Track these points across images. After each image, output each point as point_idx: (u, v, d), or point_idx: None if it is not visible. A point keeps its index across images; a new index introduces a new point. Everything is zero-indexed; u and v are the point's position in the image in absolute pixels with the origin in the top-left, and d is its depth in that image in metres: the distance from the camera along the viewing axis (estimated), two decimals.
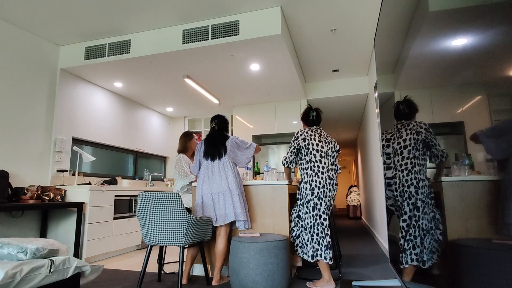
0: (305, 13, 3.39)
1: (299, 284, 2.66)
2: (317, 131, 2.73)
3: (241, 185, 2.85)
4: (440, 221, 1.49)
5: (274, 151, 5.58)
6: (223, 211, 2.71)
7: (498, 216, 0.80)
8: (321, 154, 2.63)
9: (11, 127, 3.50)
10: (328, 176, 2.60)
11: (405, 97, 2.21)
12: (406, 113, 2.05)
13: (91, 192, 3.62)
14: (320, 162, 2.61)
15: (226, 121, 3.00)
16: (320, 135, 2.72)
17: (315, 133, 2.71)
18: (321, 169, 2.60)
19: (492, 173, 0.81)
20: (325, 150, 2.66)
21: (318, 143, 2.65)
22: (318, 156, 2.63)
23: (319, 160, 2.62)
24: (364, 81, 5.21)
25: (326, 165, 2.62)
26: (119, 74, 4.32)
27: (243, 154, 2.90)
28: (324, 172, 2.60)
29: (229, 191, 2.73)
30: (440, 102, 1.22)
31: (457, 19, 1.00)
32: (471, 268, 0.96)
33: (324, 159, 2.63)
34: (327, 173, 2.61)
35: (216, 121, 2.96)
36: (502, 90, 0.76)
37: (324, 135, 2.75)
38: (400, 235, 1.77)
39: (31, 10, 3.32)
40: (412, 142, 1.86)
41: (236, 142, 2.89)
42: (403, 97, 1.89)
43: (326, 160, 2.63)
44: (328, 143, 2.71)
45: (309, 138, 2.67)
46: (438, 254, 1.49)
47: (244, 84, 4.75)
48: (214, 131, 2.95)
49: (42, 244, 1.96)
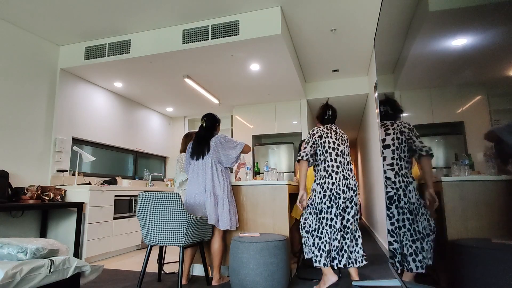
0: (305, 13, 3.39)
1: (299, 284, 2.66)
2: (332, 128, 2.60)
3: (225, 186, 2.74)
4: (430, 224, 1.49)
5: (274, 151, 5.58)
6: (205, 212, 2.69)
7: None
8: (337, 153, 2.49)
9: (11, 127, 3.50)
10: (343, 176, 2.44)
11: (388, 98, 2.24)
12: (390, 114, 2.09)
13: (91, 192, 3.61)
14: (335, 161, 2.47)
15: (216, 120, 2.91)
16: (336, 132, 2.58)
17: (330, 130, 2.57)
18: (335, 169, 2.46)
19: (493, 173, 0.81)
20: (342, 148, 2.52)
21: (335, 141, 2.52)
22: (334, 154, 2.48)
23: (334, 159, 2.48)
24: (364, 81, 5.21)
25: (341, 164, 2.47)
26: (119, 74, 4.32)
27: (227, 154, 2.76)
28: (338, 172, 2.45)
29: (209, 192, 2.67)
30: (440, 102, 1.22)
31: (457, 19, 1.00)
32: (471, 268, 0.96)
33: (340, 158, 2.49)
34: (341, 172, 2.45)
35: (205, 119, 2.88)
36: (502, 90, 0.76)
37: (340, 132, 2.61)
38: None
39: (31, 10, 3.32)
40: (396, 142, 1.86)
41: (220, 141, 2.78)
42: (402, 97, 1.89)
43: (342, 159, 2.49)
44: (345, 140, 2.59)
45: (325, 136, 2.52)
46: (432, 257, 1.48)
47: (244, 84, 4.75)
48: (201, 130, 2.89)
49: (42, 244, 1.96)
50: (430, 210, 1.45)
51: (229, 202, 2.73)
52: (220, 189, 2.70)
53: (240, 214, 2.95)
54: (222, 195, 2.69)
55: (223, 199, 2.69)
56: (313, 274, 2.98)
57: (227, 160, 2.77)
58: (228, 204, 2.71)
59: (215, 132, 2.90)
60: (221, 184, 2.71)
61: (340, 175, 2.45)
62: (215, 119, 2.91)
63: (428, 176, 1.47)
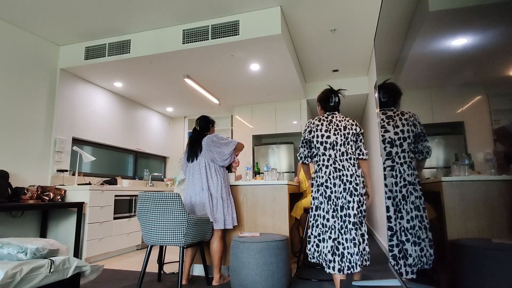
0: (305, 13, 3.39)
1: (299, 284, 2.66)
2: (327, 118, 2.39)
3: (219, 184, 2.74)
4: (424, 221, 1.44)
5: (274, 151, 5.58)
6: (201, 213, 2.70)
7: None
8: (326, 146, 2.31)
9: (11, 127, 3.50)
10: (334, 169, 2.26)
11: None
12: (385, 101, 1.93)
13: (91, 192, 3.61)
14: (324, 155, 2.31)
15: (209, 121, 2.93)
16: (330, 121, 2.37)
17: (323, 121, 2.38)
18: (325, 162, 2.29)
19: (493, 173, 0.81)
20: (333, 139, 2.31)
21: (323, 134, 2.33)
22: (322, 149, 2.32)
23: (323, 153, 2.31)
24: (364, 81, 5.21)
25: (332, 157, 2.28)
26: (119, 74, 4.32)
27: (221, 151, 2.76)
28: (329, 165, 2.28)
29: (206, 191, 2.70)
30: (440, 102, 1.22)
31: (457, 19, 1.00)
32: (471, 268, 0.96)
33: (330, 151, 2.29)
34: (333, 165, 2.27)
35: (198, 121, 2.92)
36: (502, 90, 0.76)
37: (336, 121, 2.37)
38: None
39: (31, 10, 3.32)
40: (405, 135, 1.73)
41: (211, 139, 2.78)
42: (402, 97, 1.89)
43: (333, 152, 2.29)
44: (342, 128, 2.33)
45: (315, 130, 2.37)
46: (431, 259, 1.43)
47: (244, 84, 4.75)
48: (194, 132, 2.93)
49: (42, 244, 1.96)
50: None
51: (223, 201, 2.73)
52: (214, 187, 2.72)
53: (240, 214, 2.95)
54: (216, 194, 2.71)
55: (217, 198, 2.71)
56: (313, 274, 2.99)
57: (221, 157, 2.77)
58: (222, 203, 2.72)
59: (207, 133, 2.91)
60: (214, 183, 2.73)
61: (331, 168, 2.27)
62: (208, 121, 2.93)
63: (422, 177, 1.44)
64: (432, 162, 1.45)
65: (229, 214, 2.76)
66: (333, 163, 2.28)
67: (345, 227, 2.17)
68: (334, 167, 2.27)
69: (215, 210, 2.69)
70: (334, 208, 2.22)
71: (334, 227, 2.19)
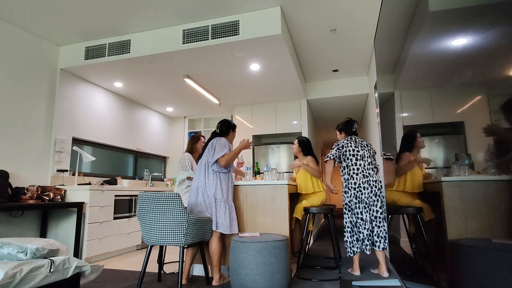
0: (305, 13, 3.39)
1: (299, 284, 2.66)
2: (352, 139, 3.09)
3: (215, 186, 2.72)
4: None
5: (274, 151, 5.58)
6: (197, 210, 2.74)
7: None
8: (357, 157, 2.97)
9: (11, 127, 3.50)
10: (363, 175, 2.90)
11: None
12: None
13: (91, 192, 3.61)
14: (355, 165, 2.95)
15: (229, 125, 2.99)
16: (356, 141, 3.08)
17: (350, 141, 3.07)
18: (355, 171, 2.93)
19: (493, 173, 0.81)
20: (361, 153, 2.99)
21: (354, 149, 3.01)
22: (354, 159, 2.97)
23: (355, 163, 2.95)
24: (364, 81, 5.21)
25: (361, 166, 2.93)
26: (119, 74, 4.32)
27: (210, 155, 2.78)
28: (358, 173, 2.91)
29: (201, 191, 2.75)
30: (440, 102, 1.22)
31: (457, 19, 1.00)
32: (471, 268, 0.96)
33: (360, 161, 2.95)
34: (362, 173, 2.91)
35: (220, 125, 2.99)
36: (502, 90, 0.76)
37: (359, 140, 3.09)
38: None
39: (31, 10, 3.32)
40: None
41: (212, 143, 2.84)
42: (402, 97, 1.89)
43: (362, 162, 2.95)
44: (364, 146, 3.05)
45: (346, 146, 3.05)
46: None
47: (244, 84, 4.75)
48: (212, 134, 2.99)
49: (42, 244, 1.96)
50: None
51: (216, 202, 2.71)
52: (209, 187, 2.73)
53: (240, 214, 2.95)
54: (210, 193, 2.73)
55: (211, 200, 2.71)
56: (313, 274, 2.99)
57: (210, 160, 2.78)
58: (215, 204, 2.71)
59: (224, 136, 2.93)
60: (210, 183, 2.74)
61: (360, 175, 2.90)
62: (229, 125, 2.99)
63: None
64: (432, 162, 1.45)
65: (222, 218, 2.69)
66: (362, 171, 2.92)
67: (378, 219, 2.83)
68: (363, 174, 2.91)
69: (209, 210, 2.71)
70: (365, 206, 2.84)
71: (371, 220, 2.83)
